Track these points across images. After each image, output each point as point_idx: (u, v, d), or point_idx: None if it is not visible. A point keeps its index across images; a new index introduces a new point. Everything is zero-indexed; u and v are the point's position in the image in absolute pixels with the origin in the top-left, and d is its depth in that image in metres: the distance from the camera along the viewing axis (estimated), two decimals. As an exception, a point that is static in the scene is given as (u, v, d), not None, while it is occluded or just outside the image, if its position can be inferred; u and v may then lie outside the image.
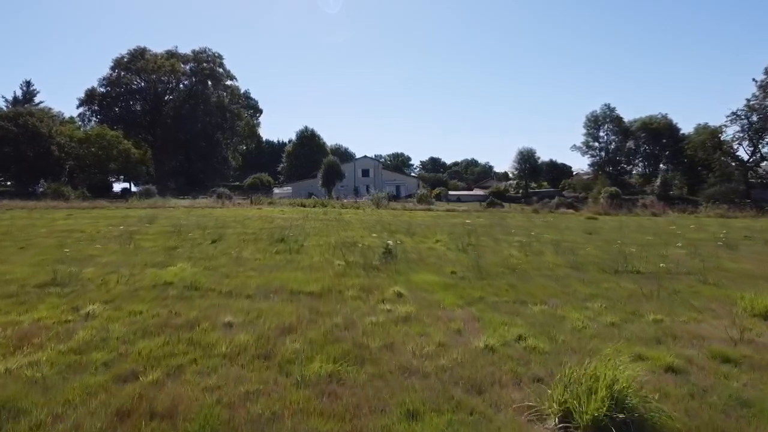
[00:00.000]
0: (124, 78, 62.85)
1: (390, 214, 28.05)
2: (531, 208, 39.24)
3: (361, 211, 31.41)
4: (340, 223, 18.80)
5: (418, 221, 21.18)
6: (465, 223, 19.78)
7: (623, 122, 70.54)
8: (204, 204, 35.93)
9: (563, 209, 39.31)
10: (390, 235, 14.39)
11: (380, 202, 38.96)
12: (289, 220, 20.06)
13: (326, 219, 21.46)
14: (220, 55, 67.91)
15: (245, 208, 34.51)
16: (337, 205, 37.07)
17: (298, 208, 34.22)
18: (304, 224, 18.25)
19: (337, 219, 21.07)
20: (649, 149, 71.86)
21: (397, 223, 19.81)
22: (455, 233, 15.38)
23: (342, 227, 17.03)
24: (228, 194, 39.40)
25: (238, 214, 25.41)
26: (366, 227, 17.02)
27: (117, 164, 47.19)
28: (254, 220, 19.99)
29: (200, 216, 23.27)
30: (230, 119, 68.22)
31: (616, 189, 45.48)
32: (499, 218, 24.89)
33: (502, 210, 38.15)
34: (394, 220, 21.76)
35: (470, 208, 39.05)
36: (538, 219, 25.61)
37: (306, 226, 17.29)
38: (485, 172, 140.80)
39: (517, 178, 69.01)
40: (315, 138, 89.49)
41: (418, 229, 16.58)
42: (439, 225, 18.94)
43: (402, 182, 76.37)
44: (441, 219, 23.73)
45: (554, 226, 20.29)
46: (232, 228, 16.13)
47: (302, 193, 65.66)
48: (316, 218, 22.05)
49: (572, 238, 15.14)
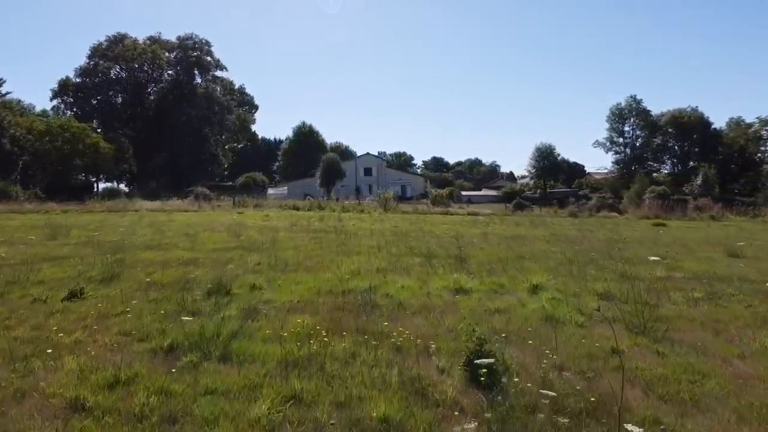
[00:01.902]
0: (100, 67, 56.47)
1: (404, 220, 21.88)
2: (567, 210, 33.07)
3: (367, 216, 25.23)
4: (339, 238, 12.60)
5: (449, 232, 15.01)
6: (537, 236, 13.50)
7: (651, 116, 64.29)
8: (176, 207, 29.75)
9: (605, 212, 33.15)
10: (433, 268, 8.15)
11: (388, 204, 32.76)
12: (268, 232, 13.90)
13: (321, 229, 15.27)
14: (208, 42, 61.59)
15: (225, 211, 28.39)
16: (337, 208, 30.87)
17: (289, 212, 28.04)
18: (287, 241, 12.07)
19: (336, 229, 14.90)
20: (678, 145, 65.68)
21: (421, 236, 13.62)
22: (556, 260, 9.25)
23: (342, 247, 10.83)
24: (207, 195, 33.24)
25: (207, 221, 19.26)
26: (382, 246, 10.82)
27: (84, 160, 40.92)
28: (216, 233, 13.79)
29: (151, 224, 17.11)
30: (219, 113, 61.81)
31: (665, 188, 39.33)
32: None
33: (536, 213, 31.95)
34: (415, 230, 15.58)
35: (496, 211, 32.83)
36: (602, 226, 19.31)
37: (287, 245, 11.12)
38: (492, 171, 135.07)
39: (535, 177, 62.65)
40: (313, 134, 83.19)
41: (471, 250, 10.29)
42: (490, 241, 12.65)
43: (408, 181, 70.11)
44: (478, 227, 17.46)
45: (656, 239, 14.02)
46: (165, 251, 9.94)
47: (299, 193, 59.45)
48: (308, 228, 15.86)
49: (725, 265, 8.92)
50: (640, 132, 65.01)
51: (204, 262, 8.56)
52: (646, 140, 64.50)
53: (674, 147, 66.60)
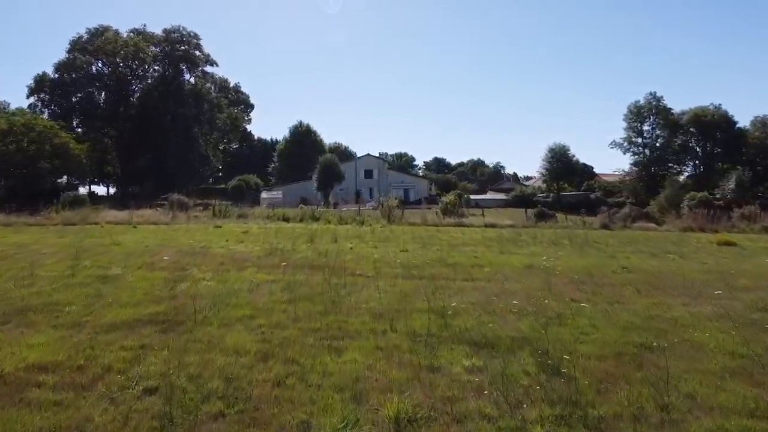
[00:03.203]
0: (79, 61, 52.01)
1: (414, 238, 17.59)
2: (598, 220, 28.74)
3: (368, 231, 20.95)
4: (328, 287, 8.30)
5: (481, 261, 10.74)
6: (629, 280, 8.78)
7: (672, 114, 59.89)
8: (146, 218, 25.52)
9: (641, 222, 28.84)
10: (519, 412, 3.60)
11: (392, 213, 28.51)
12: (228, 274, 9.64)
13: (305, 263, 10.94)
14: (197, 34, 57.08)
15: (201, 224, 24.13)
16: (333, 219, 26.65)
17: (276, 225, 23.77)
18: (244, 296, 7.71)
19: (327, 264, 10.64)
20: (700, 146, 61.35)
21: (449, 276, 9.34)
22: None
23: (329, 320, 6.47)
24: (184, 203, 28.95)
25: (164, 243, 14.98)
26: (393, 312, 6.54)
27: (53, 162, 36.59)
28: (152, 273, 9.48)
29: (87, 250, 12.82)
30: (208, 111, 57.43)
31: (707, 194, 35.07)
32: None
33: (563, 224, 27.65)
34: (435, 261, 11.30)
35: (515, 220, 28.51)
36: (677, 246, 14.93)
37: (239, 311, 6.69)
38: (496, 173, 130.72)
39: (547, 180, 58.28)
40: (311, 134, 78.97)
41: (558, 331, 5.63)
42: (569, 291, 8.12)
43: (411, 184, 65.76)
44: (518, 251, 13.01)
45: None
46: (24, 331, 5.66)
47: (294, 197, 55.18)
48: (289, 259, 11.60)
49: None
50: (660, 131, 60.63)
51: (46, 384, 4.25)
52: (666, 140, 60.11)
53: (695, 148, 62.30)
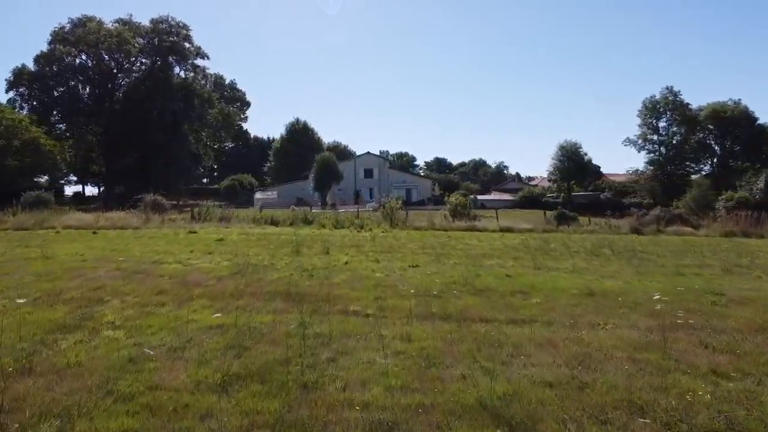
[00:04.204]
0: (58, 52, 48.55)
1: (422, 246, 14.31)
2: (627, 223, 25.47)
3: (368, 237, 17.65)
4: (303, 354, 5.04)
5: (533, 293, 7.48)
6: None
7: (690, 110, 56.63)
8: (114, 221, 22.22)
9: (675, 226, 25.58)
10: None
11: (394, 216, 25.25)
12: (163, 309, 6.40)
13: (278, 289, 7.65)
14: (186, 25, 53.53)
15: (177, 228, 20.83)
16: (328, 222, 23.35)
17: (262, 230, 20.44)
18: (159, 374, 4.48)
19: (308, 289, 7.37)
20: (718, 143, 58.11)
21: (502, 324, 6.05)
22: None
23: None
24: (161, 204, 25.64)
25: (114, 254, 11.71)
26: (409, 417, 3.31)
27: (22, 160, 33.30)
28: (31, 319, 6.22)
29: (6, 262, 9.59)
30: (199, 106, 54.05)
31: (746, 194, 31.89)
32: None
33: (589, 228, 24.35)
34: (456, 282, 8.06)
35: (535, 225, 25.17)
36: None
37: (128, 416, 3.38)
38: (499, 173, 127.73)
39: (558, 179, 55.01)
40: (308, 132, 75.52)
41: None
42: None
43: (413, 184, 62.40)
44: (558, 265, 9.60)
45: None
46: None
47: (290, 198, 51.85)
48: (263, 280, 8.31)
49: None
50: (677, 128, 57.35)
51: None
52: (684, 137, 56.84)
53: (713, 145, 59.08)
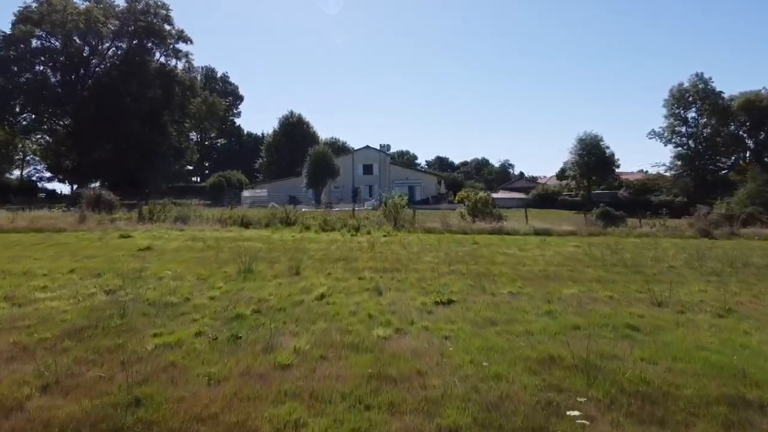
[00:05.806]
0: (18, 33, 43.37)
1: (449, 258, 9.23)
2: (691, 224, 20.39)
3: (364, 243, 12.48)
4: None
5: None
6: None
7: (722, 99, 51.52)
8: (28, 222, 17.03)
9: (752, 228, 20.55)
10: None
11: (399, 216, 20.04)
12: None
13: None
14: (165, 4, 48.20)
15: (109, 230, 15.65)
16: (315, 223, 18.15)
17: (228, 232, 15.27)
18: None
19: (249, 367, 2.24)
20: (751, 136, 52.99)
21: None
22: None
23: None
24: (109, 202, 20.55)
25: None
26: None
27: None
28: None
29: None
30: (179, 95, 48.90)
31: None
32: None
33: (643, 231, 19.29)
34: (558, 363, 3.01)
35: (576, 227, 20.02)
36: None
37: None
38: (504, 172, 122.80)
39: (576, 175, 49.85)
40: (302, 125, 70.14)
41: None
42: None
43: (417, 181, 57.03)
44: None
45: None
46: None
47: (282, 196, 46.63)
48: (136, 353, 3.23)
49: None
50: (707, 119, 52.24)
51: None
52: (715, 129, 51.73)
53: (745, 138, 53.97)
